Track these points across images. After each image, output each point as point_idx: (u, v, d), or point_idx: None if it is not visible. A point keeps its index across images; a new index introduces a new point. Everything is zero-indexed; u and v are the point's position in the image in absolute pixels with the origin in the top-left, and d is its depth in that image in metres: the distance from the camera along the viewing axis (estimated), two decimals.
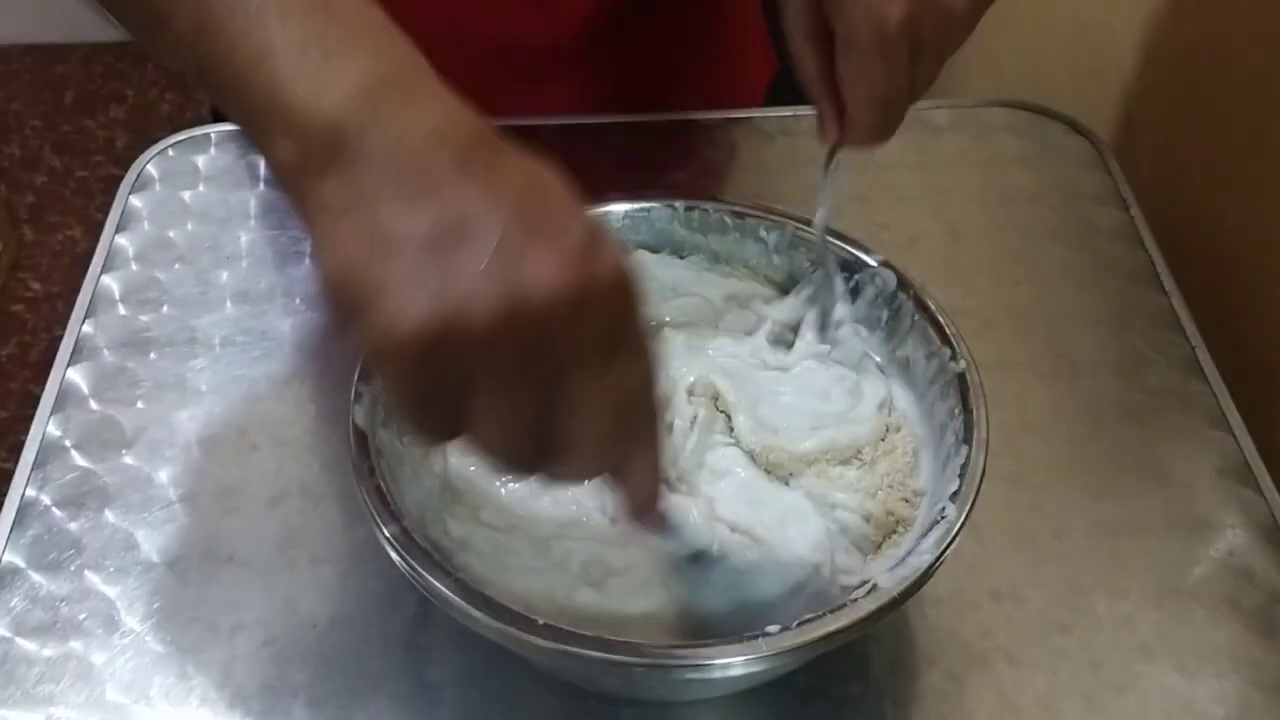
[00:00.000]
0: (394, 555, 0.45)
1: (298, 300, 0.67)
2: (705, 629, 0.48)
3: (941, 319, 0.54)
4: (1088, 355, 0.66)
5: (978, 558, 0.57)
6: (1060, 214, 0.74)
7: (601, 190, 0.54)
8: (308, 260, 0.69)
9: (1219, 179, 0.76)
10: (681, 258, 0.59)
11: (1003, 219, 0.73)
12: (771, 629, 0.43)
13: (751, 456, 0.53)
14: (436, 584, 0.44)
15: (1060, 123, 0.79)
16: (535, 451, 0.36)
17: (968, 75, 1.01)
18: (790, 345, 0.58)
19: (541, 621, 0.43)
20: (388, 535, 0.45)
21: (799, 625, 0.43)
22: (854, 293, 0.58)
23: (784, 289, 0.59)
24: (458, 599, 0.43)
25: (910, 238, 0.71)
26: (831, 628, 0.43)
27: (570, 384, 0.35)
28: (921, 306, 0.55)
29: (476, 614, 0.43)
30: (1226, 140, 0.76)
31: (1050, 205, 0.75)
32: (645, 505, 0.40)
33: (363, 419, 0.48)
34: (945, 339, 0.53)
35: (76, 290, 0.68)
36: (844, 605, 0.43)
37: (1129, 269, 0.70)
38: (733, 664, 0.42)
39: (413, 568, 0.44)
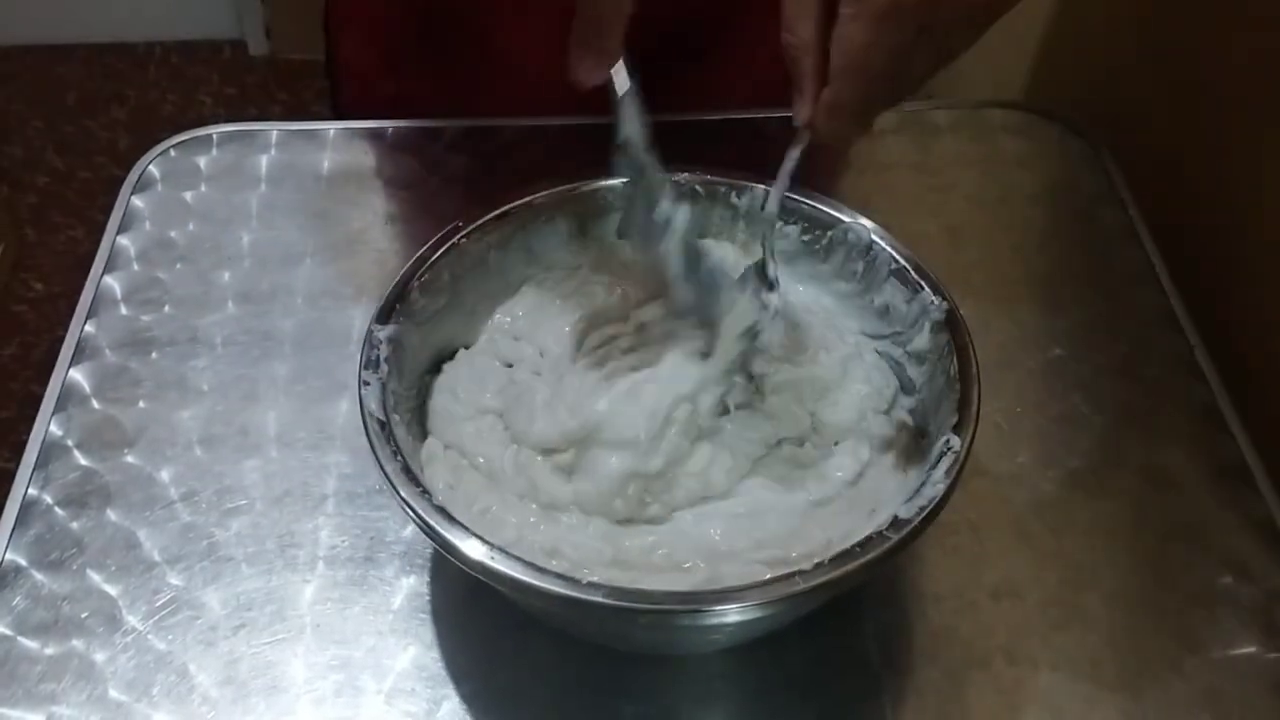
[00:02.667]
0: (430, 529, 0.46)
1: (299, 300, 0.68)
2: None
3: (920, 264, 0.55)
4: (1086, 355, 0.66)
5: (978, 557, 0.57)
6: (1060, 214, 0.74)
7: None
8: (308, 260, 0.70)
9: (1219, 179, 0.76)
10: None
11: (1003, 219, 0.73)
12: (804, 565, 0.44)
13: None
14: (490, 561, 0.45)
15: (1060, 123, 0.79)
16: None
17: (966, 75, 1.01)
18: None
19: (586, 580, 0.44)
20: (418, 510, 0.46)
21: (830, 561, 0.44)
22: (825, 252, 0.58)
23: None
24: (505, 569, 0.44)
25: (910, 238, 0.71)
26: (862, 560, 0.44)
27: None
28: (899, 254, 0.56)
29: (523, 579, 0.44)
30: (1226, 140, 0.76)
31: (1050, 205, 0.75)
32: (583, 35, 0.46)
33: (375, 406, 0.49)
34: (925, 283, 0.54)
35: (78, 290, 0.68)
36: (870, 539, 0.45)
37: (1128, 269, 0.70)
38: (768, 599, 0.44)
39: (445, 540, 0.46)
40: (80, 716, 0.51)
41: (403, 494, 0.46)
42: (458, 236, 0.56)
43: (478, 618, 0.54)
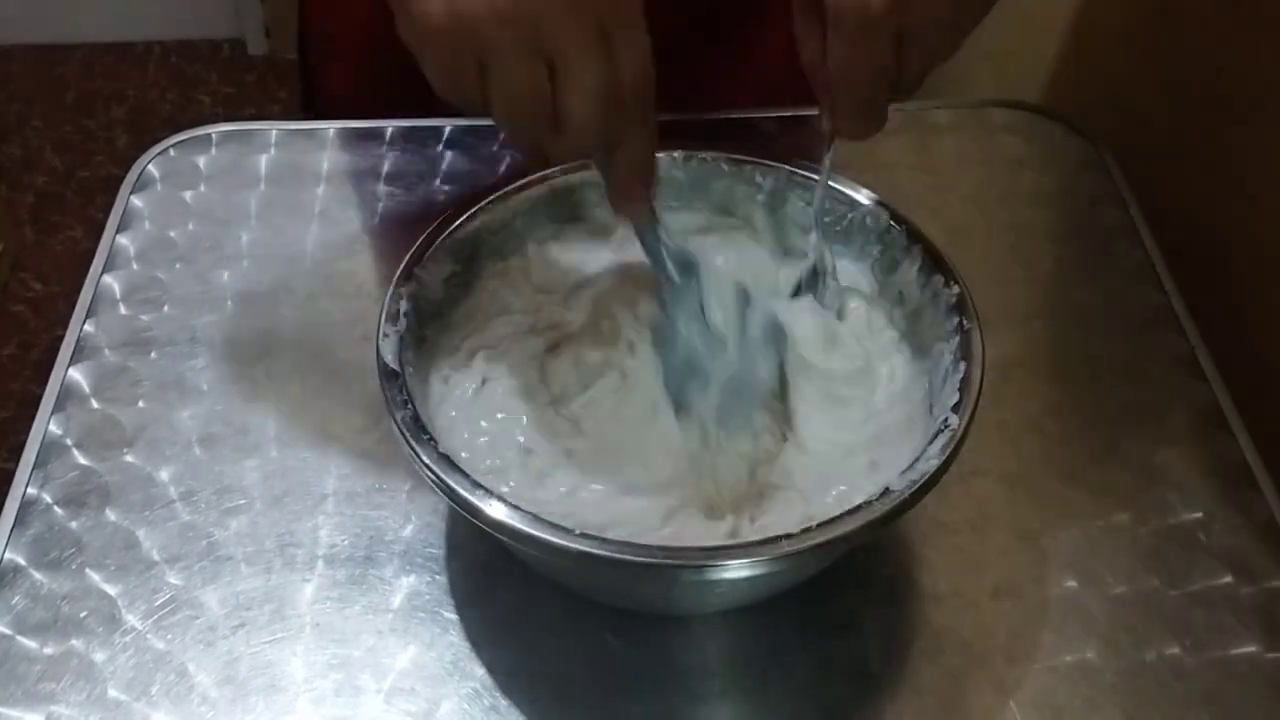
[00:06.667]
0: (437, 479, 0.47)
1: (299, 300, 0.68)
2: None
3: (935, 248, 0.56)
4: (1087, 355, 0.66)
5: (978, 556, 0.57)
6: (1060, 214, 0.74)
7: None
8: (308, 260, 0.70)
9: (1219, 179, 0.76)
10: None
11: (1003, 219, 0.73)
12: (792, 530, 0.45)
13: None
14: (491, 508, 0.46)
15: (1060, 123, 0.79)
16: (534, 124, 0.43)
17: (968, 75, 1.01)
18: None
19: (577, 531, 0.45)
20: (425, 460, 0.47)
21: (818, 527, 0.45)
22: (845, 234, 0.59)
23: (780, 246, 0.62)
24: (505, 519, 0.45)
25: None
26: (848, 528, 0.45)
27: (568, 65, 0.41)
28: (915, 238, 0.57)
29: (523, 528, 0.45)
30: (1225, 140, 0.76)
31: (1050, 205, 0.75)
32: (630, 187, 0.47)
33: (391, 357, 0.51)
34: (939, 267, 0.56)
35: (78, 290, 0.68)
36: (859, 508, 0.46)
37: (1128, 269, 0.70)
38: (754, 564, 0.45)
39: (454, 490, 0.47)
40: (79, 716, 0.51)
41: (412, 444, 0.48)
42: (484, 200, 0.58)
43: (478, 617, 0.54)
